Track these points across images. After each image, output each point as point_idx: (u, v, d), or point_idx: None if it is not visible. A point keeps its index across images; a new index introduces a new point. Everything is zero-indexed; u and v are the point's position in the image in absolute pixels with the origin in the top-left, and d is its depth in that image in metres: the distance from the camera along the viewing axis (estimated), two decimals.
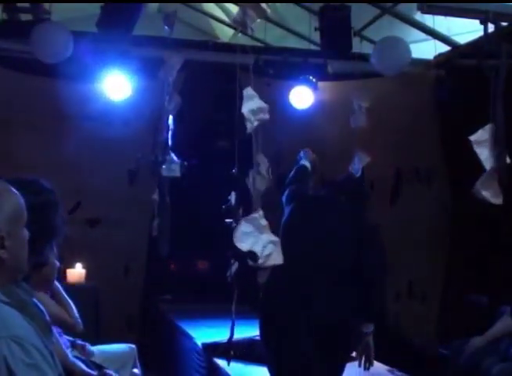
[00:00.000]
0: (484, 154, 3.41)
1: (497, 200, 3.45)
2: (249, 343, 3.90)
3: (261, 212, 3.00)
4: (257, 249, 2.94)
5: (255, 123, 3.07)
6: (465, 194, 5.83)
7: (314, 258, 3.26)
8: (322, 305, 3.18)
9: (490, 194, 3.43)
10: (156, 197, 5.14)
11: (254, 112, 3.07)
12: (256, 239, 2.94)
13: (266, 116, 3.10)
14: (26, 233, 1.62)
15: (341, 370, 3.34)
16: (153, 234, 5.19)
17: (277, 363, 3.29)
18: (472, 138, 3.46)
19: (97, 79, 5.70)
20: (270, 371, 3.39)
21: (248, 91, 3.09)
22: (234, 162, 3.26)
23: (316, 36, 6.22)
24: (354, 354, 3.62)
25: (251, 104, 3.08)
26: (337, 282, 3.24)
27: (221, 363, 4.16)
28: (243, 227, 2.95)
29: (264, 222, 2.99)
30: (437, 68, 6.53)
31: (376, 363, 4.33)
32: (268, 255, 2.96)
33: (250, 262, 3.00)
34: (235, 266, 3.10)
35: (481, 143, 3.43)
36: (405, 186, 6.76)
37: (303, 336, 3.15)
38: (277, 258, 2.97)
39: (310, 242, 3.31)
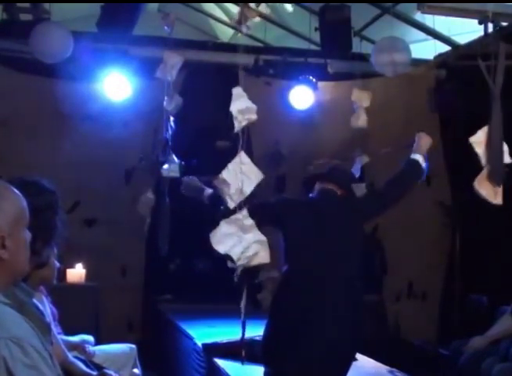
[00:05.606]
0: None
1: (496, 200, 3.44)
2: (249, 343, 3.89)
3: (245, 212, 2.95)
4: (237, 250, 2.90)
5: (243, 123, 3.01)
6: (465, 194, 5.84)
7: (324, 268, 3.24)
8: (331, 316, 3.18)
9: (488, 194, 3.42)
10: (150, 195, 5.13)
11: (242, 112, 3.02)
12: (239, 239, 2.90)
13: (254, 116, 3.04)
14: (27, 234, 1.61)
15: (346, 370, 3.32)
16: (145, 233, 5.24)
17: (278, 366, 3.28)
18: (472, 139, 3.46)
19: (97, 79, 5.70)
20: (267, 373, 3.37)
21: (237, 90, 3.06)
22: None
23: (316, 36, 6.22)
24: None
25: (240, 104, 3.03)
26: (344, 290, 3.23)
27: (221, 363, 4.16)
28: (224, 228, 2.90)
29: (249, 221, 2.94)
30: (437, 68, 6.54)
31: (376, 363, 4.35)
32: (254, 255, 2.93)
33: (230, 264, 2.98)
34: (240, 267, 3.07)
35: (481, 144, 3.42)
36: None
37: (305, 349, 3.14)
38: (264, 258, 2.94)
39: (318, 252, 3.28)
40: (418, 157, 3.47)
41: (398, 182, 3.49)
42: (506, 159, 3.43)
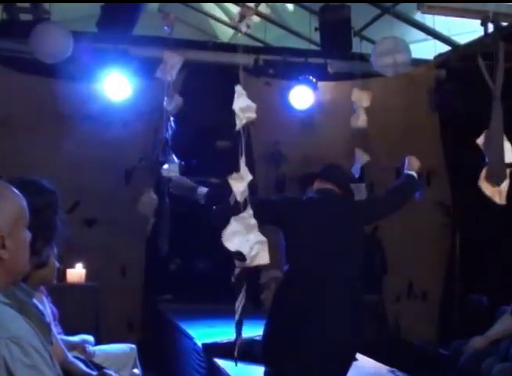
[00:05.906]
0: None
1: (500, 200, 3.44)
2: (249, 343, 3.89)
3: (250, 211, 2.96)
4: (245, 249, 2.91)
5: (243, 121, 3.03)
6: (465, 194, 5.85)
7: (324, 268, 3.25)
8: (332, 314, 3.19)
9: (492, 194, 3.42)
10: (153, 195, 5.12)
11: (243, 110, 3.04)
12: (244, 238, 2.90)
13: (253, 115, 3.06)
14: (27, 234, 1.61)
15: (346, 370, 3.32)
16: (148, 233, 5.24)
17: (278, 366, 3.28)
18: (478, 141, 3.46)
19: (97, 79, 5.71)
20: (267, 372, 3.37)
21: (238, 88, 3.08)
22: (233, 162, 3.24)
23: (316, 36, 6.22)
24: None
25: (241, 102, 3.05)
26: (344, 288, 3.24)
27: (221, 363, 4.16)
28: (233, 226, 2.91)
29: (252, 221, 2.95)
30: (437, 68, 6.54)
31: (376, 363, 4.35)
32: (255, 255, 2.94)
33: (237, 263, 2.99)
34: (239, 268, 3.07)
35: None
36: None
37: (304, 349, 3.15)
38: (264, 258, 2.94)
39: (318, 251, 3.29)
40: (413, 173, 3.66)
41: (399, 191, 3.62)
42: (509, 158, 3.42)
